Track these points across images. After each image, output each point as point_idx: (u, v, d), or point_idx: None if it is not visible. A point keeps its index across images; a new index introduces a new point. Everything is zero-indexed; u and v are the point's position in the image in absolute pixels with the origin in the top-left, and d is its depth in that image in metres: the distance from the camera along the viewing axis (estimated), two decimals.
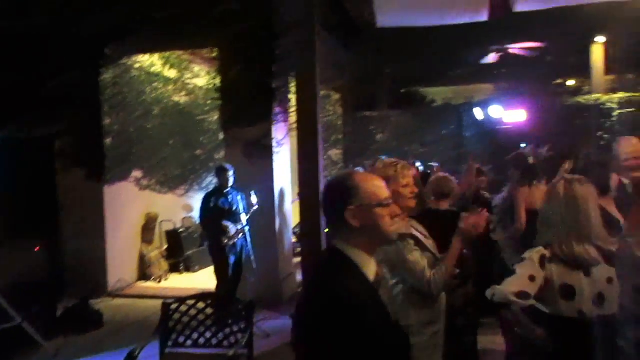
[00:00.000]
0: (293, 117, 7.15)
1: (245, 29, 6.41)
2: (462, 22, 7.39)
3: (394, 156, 8.23)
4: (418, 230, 2.83)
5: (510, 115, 9.47)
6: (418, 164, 7.51)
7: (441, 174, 4.35)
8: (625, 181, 3.50)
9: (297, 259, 8.17)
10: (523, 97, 10.05)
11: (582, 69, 10.54)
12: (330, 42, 7.32)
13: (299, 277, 7.32)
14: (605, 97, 9.50)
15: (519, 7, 7.08)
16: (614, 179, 3.68)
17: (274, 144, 6.84)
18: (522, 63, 11.41)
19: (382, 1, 6.88)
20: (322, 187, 5.24)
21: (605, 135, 9.23)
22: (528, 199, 4.70)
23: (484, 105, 10.19)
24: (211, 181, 8.77)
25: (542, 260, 2.39)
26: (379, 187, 1.72)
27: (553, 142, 8.88)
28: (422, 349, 2.62)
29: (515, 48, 10.07)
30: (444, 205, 4.03)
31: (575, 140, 9.03)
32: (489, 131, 9.84)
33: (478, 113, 10.04)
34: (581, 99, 9.70)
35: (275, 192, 6.88)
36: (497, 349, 4.61)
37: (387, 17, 7.34)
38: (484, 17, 7.15)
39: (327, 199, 1.74)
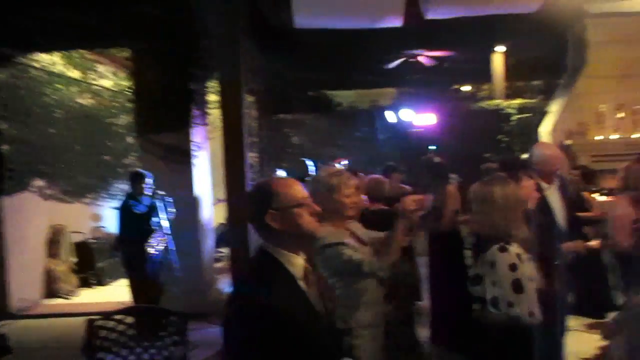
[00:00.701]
0: (212, 120, 7.03)
1: (163, 30, 6.17)
2: (376, 27, 7.65)
3: (312, 159, 8.37)
4: (355, 234, 2.87)
5: (420, 118, 9.89)
6: (345, 162, 7.63)
7: (374, 175, 4.44)
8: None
9: (219, 265, 8.02)
10: (430, 101, 10.53)
11: (481, 75, 11.24)
12: (245, 44, 7.25)
13: (222, 284, 7.16)
14: (505, 103, 10.20)
15: (430, 15, 7.45)
16: (529, 184, 3.92)
17: (193, 147, 6.64)
18: (425, 69, 11.99)
19: (300, 2, 6.94)
20: (248, 189, 5.19)
21: (505, 139, 9.90)
22: (456, 198, 4.91)
23: (395, 108, 10.56)
24: (120, 188, 8.34)
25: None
26: (295, 189, 1.81)
27: (458, 145, 9.47)
28: (364, 350, 2.67)
29: (423, 55, 10.53)
30: (376, 207, 4.11)
31: (478, 143, 9.61)
32: (401, 134, 10.21)
33: (390, 116, 10.38)
34: (484, 105, 10.34)
35: (195, 197, 6.67)
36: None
37: (304, 18, 7.42)
38: (398, 22, 7.44)
39: (249, 207, 1.83)
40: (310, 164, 7.87)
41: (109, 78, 8.63)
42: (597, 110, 8.62)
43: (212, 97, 6.88)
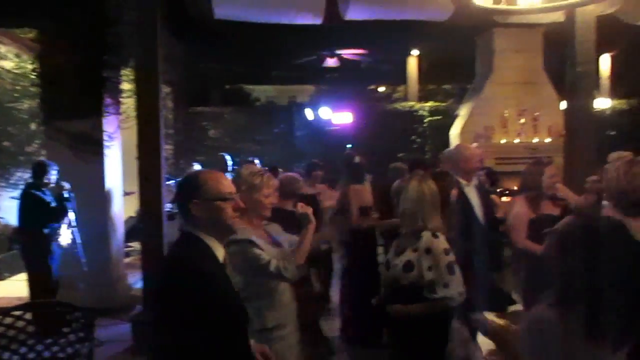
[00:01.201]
0: (125, 109, 6.76)
1: (73, 11, 5.84)
2: (296, 24, 7.70)
3: (229, 154, 8.28)
4: (269, 235, 2.89)
5: (338, 117, 10.08)
6: (257, 161, 7.59)
7: (289, 173, 4.46)
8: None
9: (128, 260, 7.73)
10: (348, 100, 10.75)
11: (396, 77, 11.64)
12: (163, 32, 7.05)
13: (131, 279, 6.92)
14: (418, 105, 10.61)
15: (349, 15, 7.61)
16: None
17: (105, 137, 6.36)
18: (343, 68, 12.24)
19: None
20: (163, 182, 5.06)
21: (417, 140, 10.30)
22: (360, 196, 5.05)
23: (313, 106, 10.68)
24: (21, 177, 7.82)
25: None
26: (222, 184, 1.93)
27: (374, 144, 9.75)
28: (274, 350, 2.66)
29: (345, 54, 10.73)
30: (288, 205, 4.04)
31: (393, 143, 9.95)
32: (319, 131, 10.35)
33: (309, 114, 10.49)
34: (398, 106, 10.69)
35: (105, 189, 6.40)
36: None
37: (224, 10, 7.32)
38: (318, 20, 7.53)
39: (176, 195, 1.98)
40: (229, 159, 7.79)
41: (10, 59, 8.05)
42: (502, 115, 9.18)
43: (127, 86, 6.62)
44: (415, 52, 10.79)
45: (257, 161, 7.69)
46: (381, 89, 18.94)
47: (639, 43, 9.36)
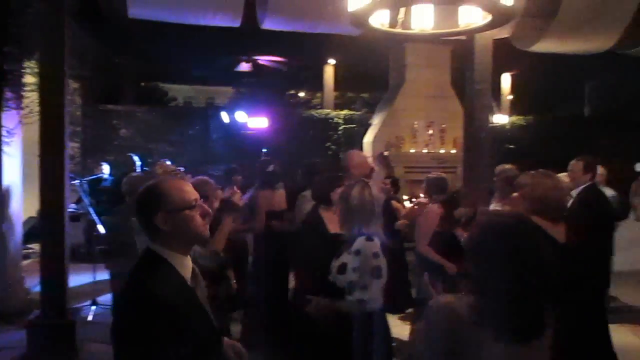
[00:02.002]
0: (28, 103, 6.43)
1: None
2: (214, 25, 7.67)
3: (141, 154, 8.08)
4: None
5: (254, 121, 10.10)
6: (168, 162, 7.45)
7: (201, 176, 4.46)
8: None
9: (26, 262, 7.32)
10: (265, 104, 10.81)
11: (314, 84, 11.87)
12: (71, 26, 6.79)
13: (29, 282, 6.57)
14: (333, 113, 10.86)
15: (266, 25, 7.69)
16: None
17: (4, 133, 6.02)
18: (261, 72, 12.30)
19: None
20: (67, 182, 4.88)
21: (332, 147, 10.54)
22: (269, 201, 5.14)
23: (230, 109, 10.63)
24: None
25: None
26: (186, 191, 1.80)
27: (289, 149, 9.86)
28: None
29: (263, 59, 10.79)
30: None
31: (308, 148, 10.13)
32: (235, 135, 10.31)
33: (225, 117, 10.43)
34: (315, 112, 10.89)
35: (2, 187, 6.05)
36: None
37: (139, 9, 7.16)
38: (236, 23, 7.54)
39: (137, 207, 1.80)
40: (136, 159, 7.59)
41: None
42: (412, 126, 9.62)
43: (30, 79, 6.30)
44: (331, 61, 11.05)
45: (168, 162, 7.56)
46: (301, 94, 19.21)
47: (535, 65, 10.18)
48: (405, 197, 7.31)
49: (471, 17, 2.81)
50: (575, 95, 17.55)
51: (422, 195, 5.82)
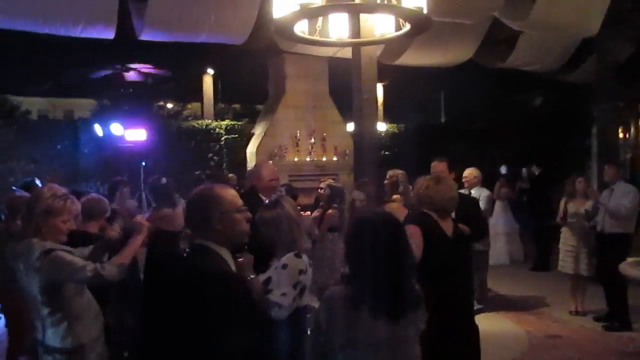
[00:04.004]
0: None
1: None
2: (88, 37, 7.18)
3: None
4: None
5: (131, 133, 9.57)
6: (38, 182, 6.78)
7: (92, 194, 4.16)
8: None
9: None
10: (137, 116, 10.33)
11: (188, 94, 11.58)
12: None
13: None
14: (215, 123, 10.67)
15: (144, 37, 7.39)
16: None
17: None
18: (132, 83, 11.75)
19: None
20: None
21: (215, 157, 10.35)
22: (171, 221, 4.91)
23: (101, 121, 9.97)
24: None
25: None
26: (235, 196, 2.13)
27: (170, 161, 9.51)
28: None
29: (132, 69, 10.31)
30: (93, 227, 3.80)
31: (190, 160, 9.86)
32: (109, 149, 9.67)
33: (98, 129, 9.77)
34: (195, 123, 10.62)
35: None
36: None
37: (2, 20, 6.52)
38: (109, 35, 7.13)
39: (193, 208, 2.12)
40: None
41: None
42: (294, 136, 9.80)
43: None
44: (210, 71, 10.88)
45: (38, 182, 6.87)
46: (169, 105, 18.58)
47: (403, 76, 10.92)
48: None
49: (386, 27, 2.97)
50: (434, 105, 19.22)
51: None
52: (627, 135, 11.87)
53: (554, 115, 11.29)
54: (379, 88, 11.52)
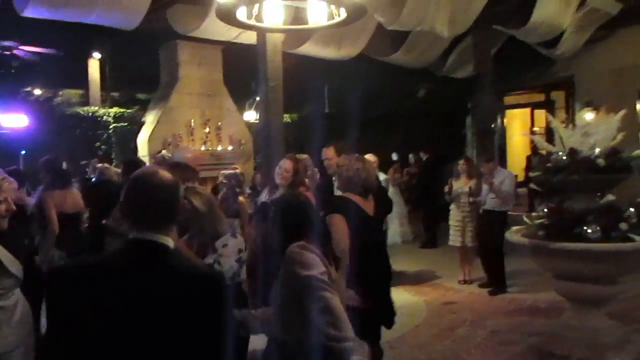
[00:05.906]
0: None
1: None
2: None
3: None
4: None
5: (9, 119, 8.78)
6: None
7: None
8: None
9: None
10: (19, 101, 9.52)
11: (78, 80, 10.78)
12: None
13: None
14: (102, 110, 10.10)
15: (27, 13, 6.83)
16: None
17: None
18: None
19: None
20: None
21: (102, 146, 9.82)
22: (59, 202, 4.74)
23: None
24: None
25: None
26: None
27: (53, 150, 8.85)
28: None
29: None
30: None
31: (76, 148, 9.25)
32: None
33: None
34: (80, 110, 9.97)
35: None
36: None
37: None
38: None
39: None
40: None
41: None
42: (188, 124, 9.60)
43: None
44: (97, 55, 10.28)
45: None
46: (37, 91, 17.04)
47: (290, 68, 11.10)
48: None
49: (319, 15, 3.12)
50: (319, 95, 19.68)
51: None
52: (495, 125, 13.12)
53: (436, 106, 12.18)
54: None
